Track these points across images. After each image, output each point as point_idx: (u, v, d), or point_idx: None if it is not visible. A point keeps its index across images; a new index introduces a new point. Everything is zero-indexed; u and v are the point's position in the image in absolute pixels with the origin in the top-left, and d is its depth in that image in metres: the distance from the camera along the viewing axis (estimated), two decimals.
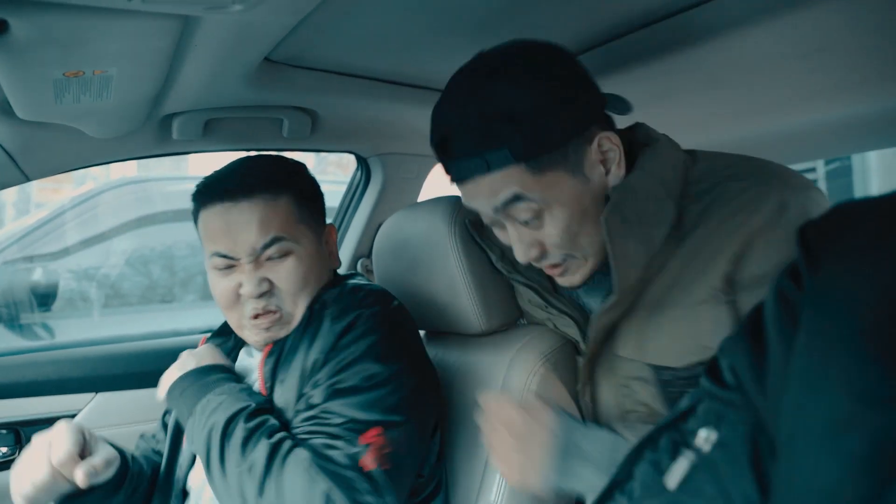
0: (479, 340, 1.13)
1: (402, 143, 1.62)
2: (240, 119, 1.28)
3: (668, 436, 0.46)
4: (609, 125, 0.89)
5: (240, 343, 1.14)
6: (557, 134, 0.82)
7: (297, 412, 0.95)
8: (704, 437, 0.42)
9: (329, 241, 1.10)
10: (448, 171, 0.89)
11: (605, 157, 0.86)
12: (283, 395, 0.98)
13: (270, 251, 0.98)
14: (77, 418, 1.41)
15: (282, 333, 1.02)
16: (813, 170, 6.38)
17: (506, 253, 1.00)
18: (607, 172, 0.86)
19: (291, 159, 1.11)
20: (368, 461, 0.88)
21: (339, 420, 0.90)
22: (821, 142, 1.75)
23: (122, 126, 1.16)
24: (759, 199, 0.82)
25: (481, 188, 0.85)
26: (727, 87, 1.24)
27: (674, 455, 0.44)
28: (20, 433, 1.38)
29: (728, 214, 0.84)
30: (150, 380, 1.47)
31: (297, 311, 1.01)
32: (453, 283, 1.07)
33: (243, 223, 0.97)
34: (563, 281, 0.93)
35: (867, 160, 6.22)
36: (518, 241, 0.88)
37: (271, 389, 1.00)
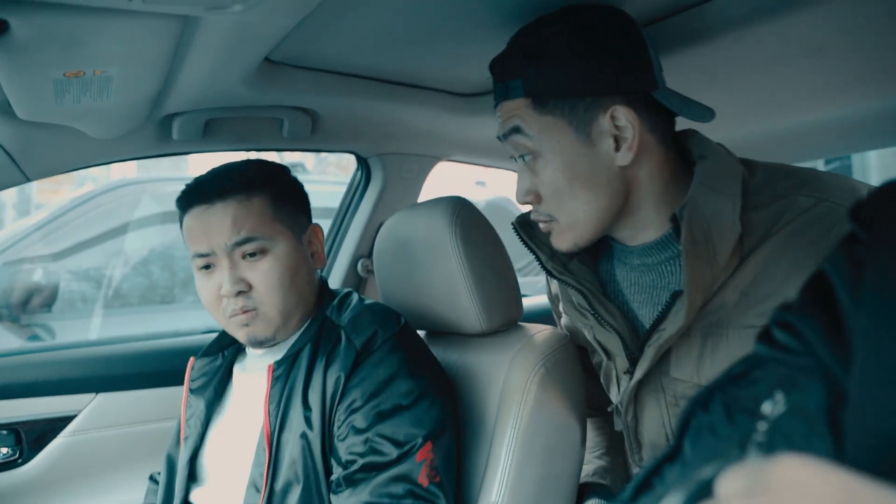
0: (480, 340, 1.13)
1: (403, 144, 1.62)
2: (240, 119, 1.28)
3: (720, 399, 0.45)
4: (644, 106, 0.85)
5: (229, 360, 1.15)
6: (566, 84, 0.84)
7: (341, 438, 0.95)
8: (774, 404, 0.40)
9: (313, 240, 1.11)
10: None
11: (620, 134, 0.85)
12: (308, 417, 0.98)
13: (244, 248, 1.00)
14: (77, 418, 1.41)
15: (260, 329, 1.02)
16: (813, 169, 6.36)
17: (556, 253, 0.98)
18: (617, 149, 0.85)
19: (270, 162, 1.13)
20: (423, 478, 0.92)
21: (394, 445, 0.93)
22: (821, 141, 1.75)
23: (123, 126, 1.16)
24: (832, 217, 0.79)
25: (501, 114, 0.91)
26: (727, 86, 1.24)
27: (730, 420, 0.43)
28: (20, 434, 1.38)
29: (798, 230, 0.80)
30: (151, 380, 1.48)
31: (276, 310, 1.02)
32: (454, 283, 1.07)
33: (217, 222, 1.00)
34: (552, 241, 0.93)
35: (867, 159, 6.23)
36: (519, 181, 0.92)
37: (280, 412, 0.99)
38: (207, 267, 1.02)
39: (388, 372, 0.97)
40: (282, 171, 1.12)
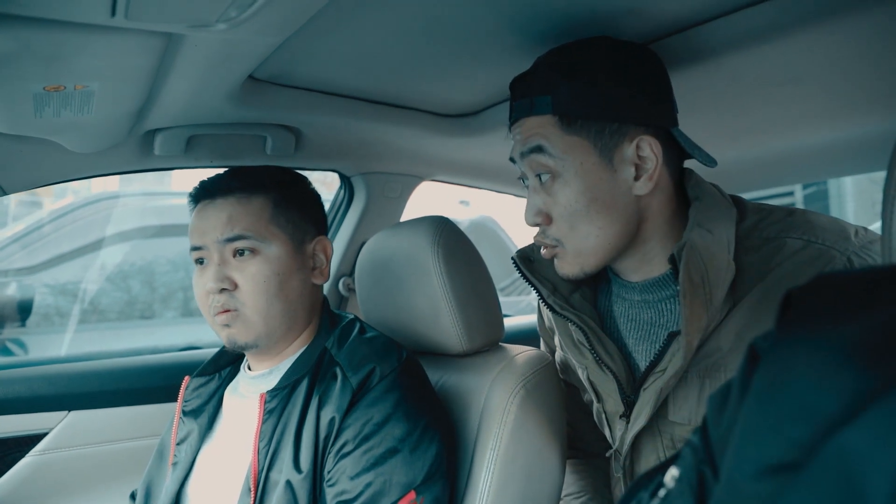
0: (461, 361, 1.13)
1: (386, 163, 1.62)
2: (223, 136, 1.27)
3: (658, 477, 0.50)
4: (663, 141, 0.87)
5: (224, 382, 1.12)
6: (598, 106, 0.84)
7: (330, 484, 0.91)
8: (671, 475, 0.47)
9: (318, 253, 1.08)
10: (509, 112, 0.94)
11: (641, 164, 0.86)
12: (299, 460, 0.94)
13: (235, 245, 0.99)
14: (48, 437, 1.38)
15: (241, 332, 1.00)
16: (791, 193, 6.51)
17: (558, 288, 0.98)
18: (637, 178, 0.86)
19: (287, 170, 1.12)
20: None
21: (380, 495, 0.89)
22: (797, 167, 1.79)
23: (104, 141, 1.15)
24: (822, 259, 0.80)
25: (522, 131, 0.90)
26: (707, 112, 1.26)
27: (654, 493, 0.48)
28: None
29: (790, 272, 0.81)
30: (126, 398, 1.46)
31: (258, 314, 0.99)
32: (435, 304, 1.07)
33: (213, 217, 1.01)
34: (557, 267, 0.92)
35: (843, 185, 6.37)
36: (530, 201, 0.90)
37: (270, 451, 0.95)
38: (201, 262, 1.02)
39: (383, 413, 0.93)
40: (295, 179, 1.11)
